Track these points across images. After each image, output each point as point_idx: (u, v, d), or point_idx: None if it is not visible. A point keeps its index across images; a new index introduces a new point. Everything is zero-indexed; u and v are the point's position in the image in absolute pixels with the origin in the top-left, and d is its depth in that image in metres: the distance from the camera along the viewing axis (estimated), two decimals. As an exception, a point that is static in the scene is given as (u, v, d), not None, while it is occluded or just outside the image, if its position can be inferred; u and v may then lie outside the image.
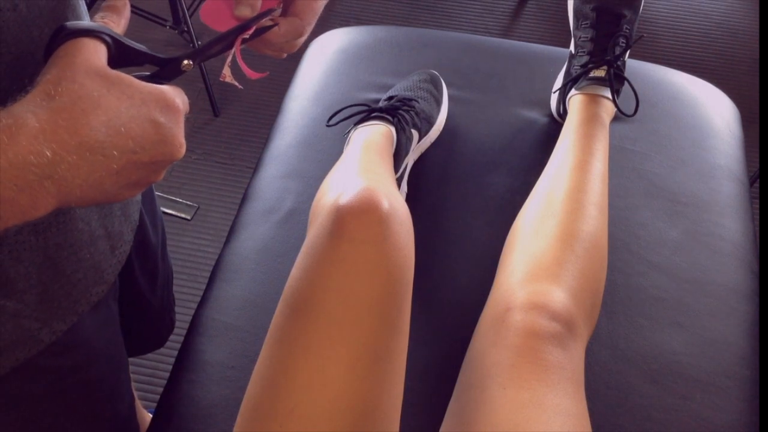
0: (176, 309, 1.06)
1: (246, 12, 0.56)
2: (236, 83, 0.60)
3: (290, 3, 0.59)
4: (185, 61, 0.52)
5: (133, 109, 0.43)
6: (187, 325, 0.92)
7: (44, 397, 0.69)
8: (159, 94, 0.46)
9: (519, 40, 1.46)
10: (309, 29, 0.60)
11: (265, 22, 0.57)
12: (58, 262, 0.61)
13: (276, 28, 0.57)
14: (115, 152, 0.42)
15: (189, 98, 0.49)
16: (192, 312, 0.93)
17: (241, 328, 0.88)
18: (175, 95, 0.47)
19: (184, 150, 0.47)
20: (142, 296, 0.88)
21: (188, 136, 0.49)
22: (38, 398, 0.68)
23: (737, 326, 0.90)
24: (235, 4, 0.56)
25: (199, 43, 1.91)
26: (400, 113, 0.94)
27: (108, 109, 0.42)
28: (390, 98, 1.01)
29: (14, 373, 0.62)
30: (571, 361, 0.70)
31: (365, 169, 0.78)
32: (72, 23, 0.45)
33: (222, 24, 0.58)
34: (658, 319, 0.90)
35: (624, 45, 1.00)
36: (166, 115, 0.45)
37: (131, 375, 0.91)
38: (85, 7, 0.58)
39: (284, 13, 0.59)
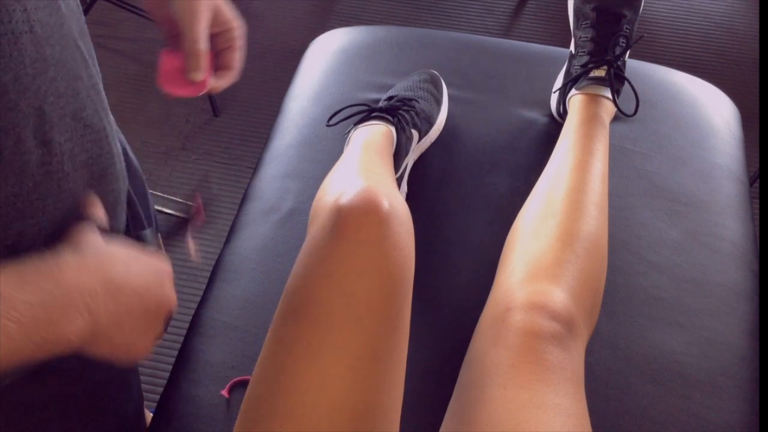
0: (176, 309, 1.06)
1: (198, 76, 0.65)
2: (197, 257, 0.68)
3: (216, 56, 0.68)
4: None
5: (139, 266, 0.54)
6: (187, 325, 0.92)
7: (52, 400, 0.69)
8: (155, 262, 0.57)
9: (519, 40, 1.46)
10: (240, 64, 0.70)
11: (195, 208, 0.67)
12: None
13: (221, 84, 0.69)
14: (129, 292, 0.51)
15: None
16: (192, 312, 0.93)
17: (241, 328, 0.88)
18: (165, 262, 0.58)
19: (175, 301, 0.58)
20: None
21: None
22: (46, 402, 0.68)
23: (737, 326, 0.90)
24: (187, 70, 0.65)
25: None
26: (400, 113, 0.94)
27: (121, 261, 0.52)
28: (390, 98, 1.01)
29: (24, 380, 0.62)
30: (571, 361, 0.70)
31: (365, 169, 0.78)
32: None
33: (178, 88, 0.66)
34: (658, 319, 0.90)
35: (624, 45, 1.00)
36: (162, 276, 0.56)
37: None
38: (83, 16, 0.58)
39: (217, 67, 0.69)
